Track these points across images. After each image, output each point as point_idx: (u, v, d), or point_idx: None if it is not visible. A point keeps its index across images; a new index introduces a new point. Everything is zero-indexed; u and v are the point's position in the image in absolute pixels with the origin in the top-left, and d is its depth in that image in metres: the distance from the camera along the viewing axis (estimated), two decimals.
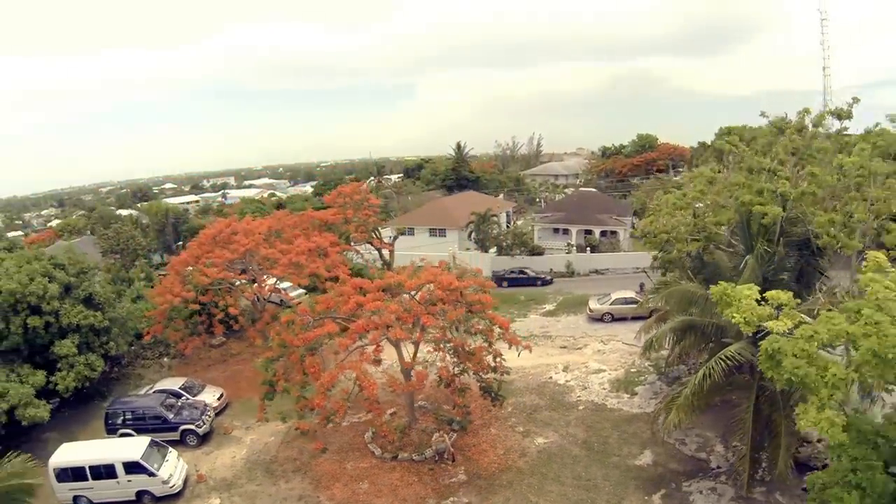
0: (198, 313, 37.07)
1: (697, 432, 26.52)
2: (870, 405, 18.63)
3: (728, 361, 19.78)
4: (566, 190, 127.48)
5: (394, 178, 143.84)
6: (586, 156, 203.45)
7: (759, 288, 13.33)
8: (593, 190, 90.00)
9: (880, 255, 14.25)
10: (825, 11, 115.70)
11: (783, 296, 12.74)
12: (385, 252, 51.53)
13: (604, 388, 32.24)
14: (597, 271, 60.26)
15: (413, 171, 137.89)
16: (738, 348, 19.95)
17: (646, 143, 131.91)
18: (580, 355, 37.64)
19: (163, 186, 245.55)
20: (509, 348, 25.54)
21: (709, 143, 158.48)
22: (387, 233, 57.59)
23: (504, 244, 64.27)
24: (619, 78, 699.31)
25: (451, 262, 62.28)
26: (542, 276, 57.43)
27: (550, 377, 34.06)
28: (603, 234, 67.99)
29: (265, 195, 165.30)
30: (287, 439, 27.96)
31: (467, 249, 66.17)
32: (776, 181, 23.49)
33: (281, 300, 42.77)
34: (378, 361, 23.87)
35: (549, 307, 48.91)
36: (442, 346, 24.28)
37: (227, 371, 37.70)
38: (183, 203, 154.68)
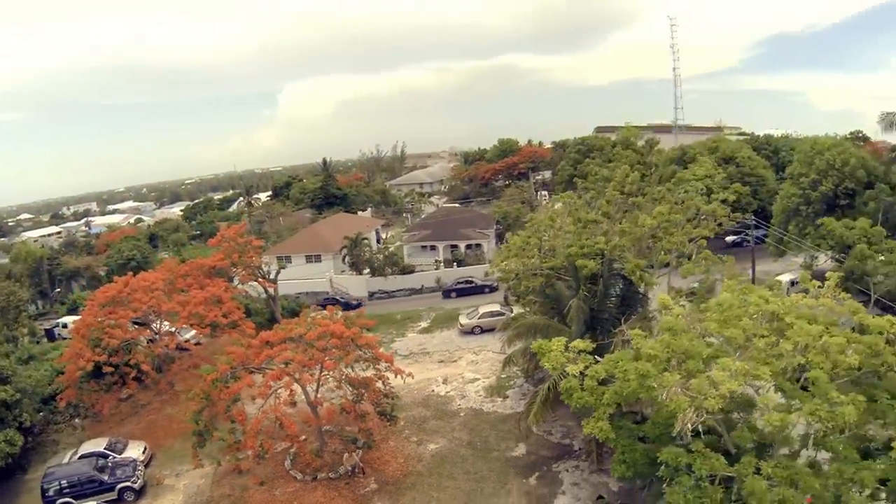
0: (110, 373, 38.45)
1: (561, 423, 32.66)
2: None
3: None
4: (432, 198, 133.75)
5: (262, 197, 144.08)
6: (450, 159, 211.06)
7: (565, 340, 19.70)
8: (457, 205, 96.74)
9: (666, 297, 21.24)
10: (674, 18, 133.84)
11: (581, 344, 19.20)
12: (270, 289, 55.17)
13: (479, 395, 38.21)
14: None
15: (281, 189, 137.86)
16: None
17: (507, 148, 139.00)
18: (456, 367, 43.26)
19: (18, 218, 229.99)
20: (395, 377, 30.79)
21: (567, 142, 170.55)
22: (266, 261, 60.62)
23: (376, 265, 68.95)
24: (482, 75, 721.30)
25: (328, 286, 67.44)
26: (489, 283, 61.54)
27: (433, 390, 39.47)
28: (468, 247, 73.97)
29: (132, 221, 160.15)
30: (217, 479, 31.25)
31: (342, 272, 70.75)
32: (596, 237, 30.32)
33: (178, 345, 44.92)
34: (294, 403, 28.79)
35: (424, 324, 54.16)
36: (342, 383, 29.61)
37: (141, 423, 39.41)
38: (44, 235, 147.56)
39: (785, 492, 14.29)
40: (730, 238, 59.72)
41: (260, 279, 53.52)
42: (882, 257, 29.46)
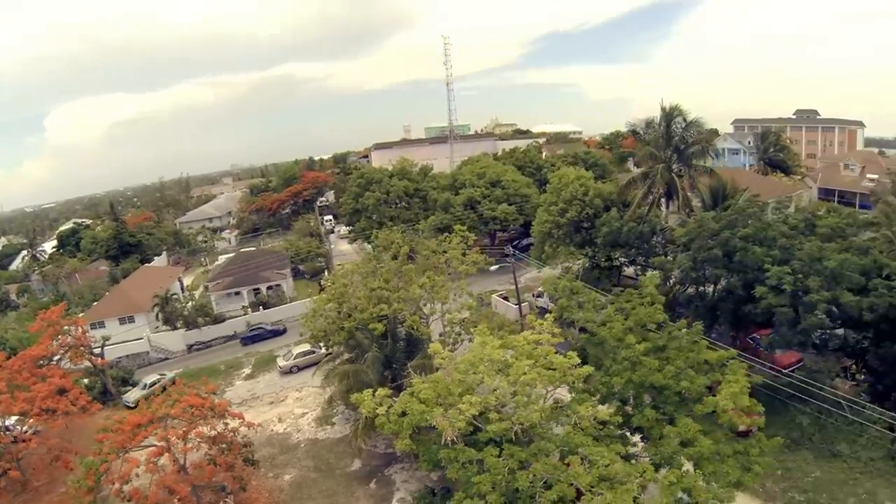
0: None
1: (383, 437, 39.51)
2: None
3: None
4: (223, 234, 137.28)
5: (48, 248, 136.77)
6: (234, 185, 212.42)
7: (372, 391, 29.70)
8: (253, 249, 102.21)
9: (437, 346, 32.27)
10: (448, 37, 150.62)
11: (383, 391, 29.54)
12: (99, 364, 58.54)
13: (312, 426, 46.95)
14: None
15: (68, 237, 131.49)
16: None
17: (290, 176, 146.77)
18: (286, 406, 51.34)
19: None
20: (248, 429, 38.25)
21: (349, 155, 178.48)
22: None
23: (189, 318, 73.13)
24: (260, 87, 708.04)
25: (147, 346, 71.30)
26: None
27: (272, 430, 47.10)
28: (269, 288, 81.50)
29: None
30: None
31: (157, 328, 74.16)
32: (381, 303, 40.77)
33: (15, 437, 44.38)
34: (179, 471, 35.80)
35: (247, 371, 61.11)
36: (210, 443, 36.89)
37: None
38: None
39: (507, 461, 25.93)
40: (493, 267, 72.22)
41: (89, 357, 56.77)
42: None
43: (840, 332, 38.76)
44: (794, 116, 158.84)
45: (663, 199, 60.82)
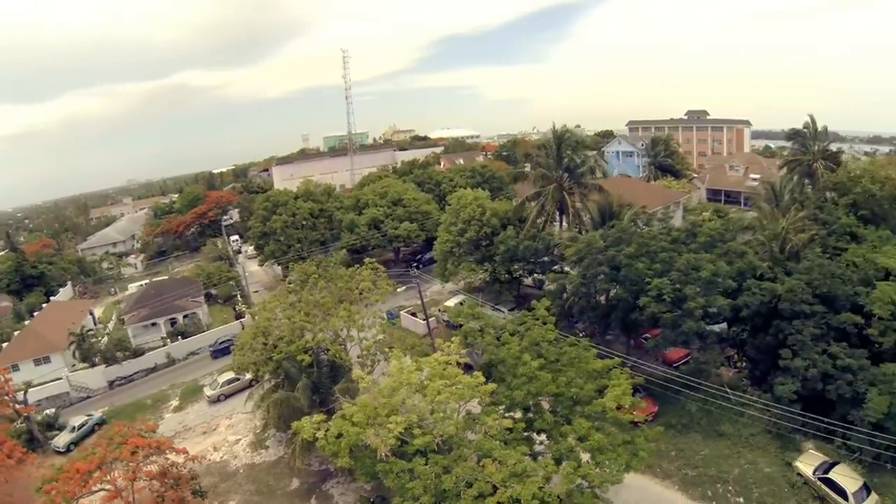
0: None
1: (316, 455, 42.03)
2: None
3: None
4: (129, 259, 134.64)
5: None
6: (134, 205, 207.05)
7: (309, 416, 33.33)
8: (165, 278, 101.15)
9: (359, 372, 36.32)
10: (346, 50, 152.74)
11: (318, 417, 33.38)
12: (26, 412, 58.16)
13: (247, 452, 49.27)
14: (193, 353, 75.13)
15: None
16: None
17: (194, 197, 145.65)
18: (219, 434, 53.03)
19: None
20: (192, 462, 40.60)
21: (250, 178, 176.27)
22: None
23: (108, 354, 72.49)
24: (155, 97, 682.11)
25: (67, 386, 70.73)
26: None
27: (210, 459, 48.57)
28: (185, 316, 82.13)
29: None
30: None
31: (73, 366, 72.79)
32: (305, 334, 44.37)
33: None
34: None
35: (174, 403, 61.65)
36: (162, 481, 38.53)
37: None
38: None
39: (433, 467, 30.38)
40: (400, 289, 74.08)
41: (14, 405, 56.13)
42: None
43: (717, 328, 45.15)
44: (686, 117, 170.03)
45: (557, 215, 66.56)
